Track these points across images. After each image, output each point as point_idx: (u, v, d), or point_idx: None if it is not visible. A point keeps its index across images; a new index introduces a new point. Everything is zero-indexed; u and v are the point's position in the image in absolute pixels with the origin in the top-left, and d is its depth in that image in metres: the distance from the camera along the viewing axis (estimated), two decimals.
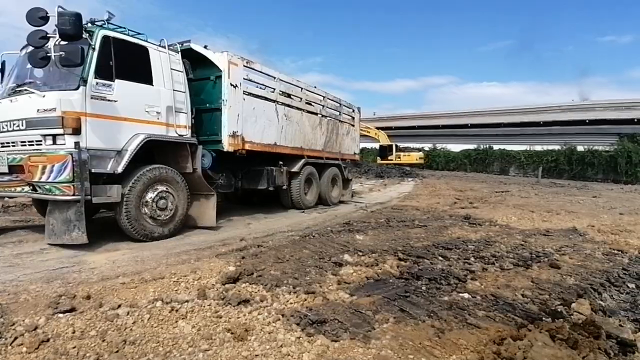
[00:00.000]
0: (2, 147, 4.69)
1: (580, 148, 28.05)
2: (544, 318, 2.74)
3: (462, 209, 8.88)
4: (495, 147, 33.13)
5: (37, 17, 4.07)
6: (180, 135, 5.42)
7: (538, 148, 30.52)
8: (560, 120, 30.12)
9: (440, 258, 4.28)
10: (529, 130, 31.57)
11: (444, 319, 2.64)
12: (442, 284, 3.40)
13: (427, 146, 37.23)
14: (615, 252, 4.76)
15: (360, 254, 4.37)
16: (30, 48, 4.43)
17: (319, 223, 6.67)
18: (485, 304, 2.97)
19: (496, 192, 13.73)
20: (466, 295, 3.11)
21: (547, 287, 3.39)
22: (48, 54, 4.11)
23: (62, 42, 4.18)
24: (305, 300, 2.96)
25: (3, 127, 4.58)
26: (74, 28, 4.06)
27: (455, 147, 35.89)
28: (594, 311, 2.91)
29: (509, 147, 32.27)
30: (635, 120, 26.03)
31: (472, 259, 4.31)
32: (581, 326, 2.59)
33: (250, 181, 7.33)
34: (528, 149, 31.14)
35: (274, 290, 3.15)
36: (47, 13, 4.09)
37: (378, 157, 32.05)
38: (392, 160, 30.29)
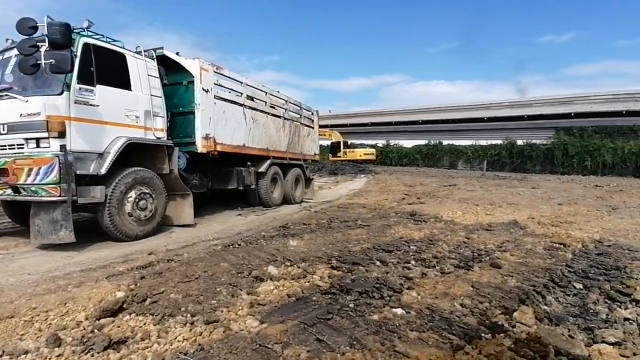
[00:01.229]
0: None
1: (520, 142, 29.67)
2: (482, 335, 2.33)
3: (410, 205, 8.65)
4: (445, 142, 34.23)
5: (26, 26, 4.12)
6: (158, 138, 5.62)
7: (483, 143, 31.88)
8: (502, 116, 31.69)
9: (377, 263, 3.83)
10: (475, 125, 32.92)
11: (369, 348, 2.14)
12: (374, 297, 2.92)
13: (380, 142, 37.65)
14: (557, 245, 4.57)
15: (289, 263, 3.81)
16: (14, 53, 4.60)
17: (254, 227, 6.04)
18: (419, 321, 2.52)
19: (444, 186, 13.85)
20: (399, 311, 2.65)
21: (488, 293, 3.04)
22: (38, 62, 4.10)
23: (49, 50, 4.13)
24: (201, 334, 2.33)
25: None
26: (63, 37, 4.13)
27: (408, 143, 36.59)
28: (538, 319, 2.56)
29: (457, 142, 33.45)
30: (572, 114, 27.83)
31: (413, 262, 3.91)
32: (525, 343, 2.21)
33: (221, 181, 7.51)
34: (474, 143, 32.46)
35: (165, 323, 2.49)
36: (36, 23, 4.14)
37: (330, 155, 31.99)
38: (340, 157, 30.61)
